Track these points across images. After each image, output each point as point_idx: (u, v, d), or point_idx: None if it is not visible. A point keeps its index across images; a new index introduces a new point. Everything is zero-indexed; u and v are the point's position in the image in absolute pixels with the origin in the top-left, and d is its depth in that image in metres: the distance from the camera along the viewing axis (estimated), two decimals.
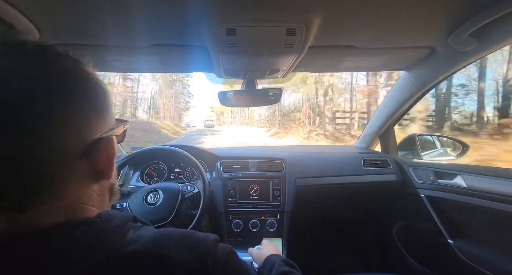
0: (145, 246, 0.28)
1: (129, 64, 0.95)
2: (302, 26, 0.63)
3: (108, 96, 0.32)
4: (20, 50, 0.25)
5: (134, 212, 0.86)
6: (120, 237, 0.28)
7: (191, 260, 0.29)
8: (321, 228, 1.58)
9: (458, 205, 0.98)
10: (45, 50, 0.27)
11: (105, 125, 0.31)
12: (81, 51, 0.76)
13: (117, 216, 0.31)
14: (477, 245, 0.95)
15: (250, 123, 29.68)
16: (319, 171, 1.26)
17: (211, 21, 0.61)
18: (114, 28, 0.66)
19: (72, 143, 0.27)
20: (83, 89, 0.29)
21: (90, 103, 0.29)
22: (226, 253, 0.32)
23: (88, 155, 0.28)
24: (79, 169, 0.28)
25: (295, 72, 0.99)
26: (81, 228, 0.26)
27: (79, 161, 0.27)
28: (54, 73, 0.26)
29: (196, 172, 0.97)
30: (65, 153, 0.26)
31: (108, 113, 0.32)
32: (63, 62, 0.28)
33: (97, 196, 0.31)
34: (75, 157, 0.27)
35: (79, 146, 0.27)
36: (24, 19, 0.58)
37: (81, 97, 0.28)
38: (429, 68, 0.96)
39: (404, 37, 0.76)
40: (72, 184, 0.28)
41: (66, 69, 0.28)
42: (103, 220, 0.28)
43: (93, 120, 0.29)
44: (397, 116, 1.28)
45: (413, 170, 1.21)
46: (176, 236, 0.31)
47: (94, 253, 0.25)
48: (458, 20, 0.66)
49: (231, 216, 1.14)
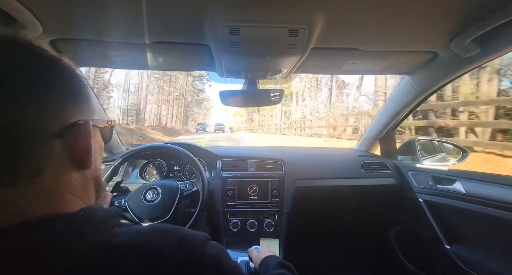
0: (131, 238, 0.28)
1: (131, 61, 0.95)
2: (305, 27, 0.63)
3: (86, 88, 0.33)
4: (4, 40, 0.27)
5: (133, 209, 0.87)
6: (105, 231, 0.28)
7: (177, 253, 0.28)
8: (319, 230, 1.58)
9: (457, 211, 0.98)
10: (28, 42, 0.29)
11: (84, 113, 0.32)
12: (83, 46, 0.77)
13: (103, 210, 0.31)
14: (475, 251, 0.95)
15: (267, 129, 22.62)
16: (318, 173, 1.26)
17: (214, 20, 0.61)
18: (117, 24, 0.66)
19: (48, 120, 0.27)
20: (61, 76, 0.30)
21: (68, 89, 0.30)
22: (215, 252, 0.32)
23: (64, 135, 0.28)
24: (55, 149, 0.28)
25: (297, 73, 0.99)
26: (64, 221, 0.26)
27: (54, 140, 0.27)
28: (33, 57, 0.28)
29: (195, 170, 0.98)
30: (40, 128, 0.26)
31: (87, 104, 0.33)
32: (42, 51, 0.29)
33: (80, 186, 0.31)
34: (50, 135, 0.27)
35: (55, 124, 0.28)
36: (28, 13, 0.58)
37: (59, 82, 0.29)
38: (431, 73, 0.96)
39: (407, 41, 0.76)
40: (49, 164, 0.27)
41: (44, 56, 0.29)
42: (87, 213, 0.28)
43: (71, 105, 0.30)
44: (397, 121, 1.28)
45: (412, 174, 1.21)
46: (165, 230, 0.31)
47: (77, 246, 0.25)
48: (461, 26, 0.66)
49: (229, 216, 1.14)
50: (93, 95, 0.35)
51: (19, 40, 0.28)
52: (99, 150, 0.36)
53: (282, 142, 11.55)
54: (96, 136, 0.35)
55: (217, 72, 0.96)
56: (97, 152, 0.35)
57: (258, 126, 29.72)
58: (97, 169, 0.35)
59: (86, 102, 0.33)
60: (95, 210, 0.29)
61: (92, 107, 0.34)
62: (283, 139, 13.54)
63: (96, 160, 0.33)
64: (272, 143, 11.40)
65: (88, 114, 0.33)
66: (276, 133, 18.69)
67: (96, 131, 0.35)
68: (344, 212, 1.49)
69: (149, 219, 0.85)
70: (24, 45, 0.28)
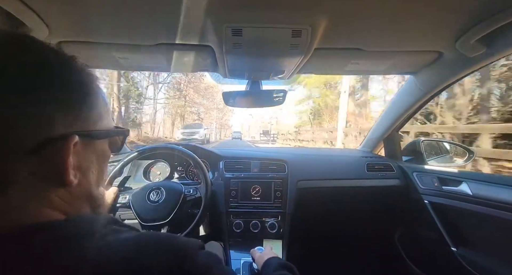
0: (119, 252, 0.26)
1: (135, 62, 0.96)
2: (308, 27, 0.62)
3: (94, 95, 0.30)
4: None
5: (136, 207, 0.87)
6: (93, 242, 0.26)
7: (168, 263, 0.27)
8: (322, 231, 1.57)
9: (463, 213, 0.97)
10: (24, 38, 0.26)
11: (78, 124, 0.28)
12: (88, 48, 0.78)
13: (93, 220, 0.29)
14: (482, 254, 0.93)
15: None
16: (321, 174, 1.25)
17: (217, 22, 0.61)
18: (121, 26, 0.67)
19: (22, 135, 0.24)
20: (57, 84, 0.26)
21: (62, 100, 0.26)
22: (206, 261, 0.30)
23: (41, 152, 0.25)
24: (29, 166, 0.25)
25: (300, 74, 0.99)
26: (42, 233, 0.24)
27: (28, 157, 0.24)
28: (22, 60, 0.25)
29: (200, 175, 0.97)
30: (11, 144, 0.23)
31: (89, 114, 0.30)
32: (40, 52, 0.26)
33: (63, 202, 0.28)
34: (22, 151, 0.24)
35: (30, 140, 0.24)
36: (35, 16, 0.59)
37: (51, 91, 0.26)
38: (436, 73, 0.95)
39: (411, 41, 0.75)
40: (17, 181, 0.24)
41: (41, 59, 0.26)
42: (71, 224, 0.26)
43: (58, 118, 0.26)
44: (402, 121, 1.27)
45: (417, 175, 1.19)
46: (156, 239, 0.30)
47: (58, 261, 0.23)
48: (466, 25, 0.65)
49: (232, 216, 1.14)
50: (102, 103, 0.32)
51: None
52: (97, 161, 0.32)
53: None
54: (96, 147, 0.32)
55: (220, 73, 0.96)
56: (94, 164, 0.32)
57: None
58: (88, 183, 0.31)
59: (88, 112, 0.29)
60: (84, 221, 0.28)
61: (97, 116, 0.31)
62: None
63: (88, 173, 0.31)
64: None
65: (87, 125, 0.29)
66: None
67: (93, 143, 0.31)
68: (347, 214, 1.47)
69: (151, 219, 0.86)
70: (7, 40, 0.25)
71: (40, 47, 0.27)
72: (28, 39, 0.27)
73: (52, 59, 0.27)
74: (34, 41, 0.27)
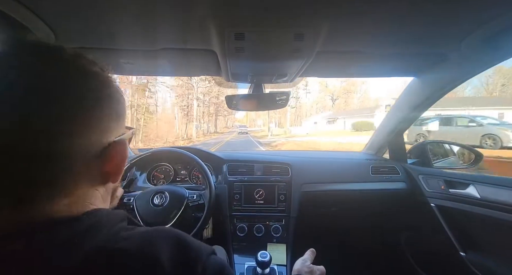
0: (134, 244, 0.28)
1: (140, 67, 0.97)
2: (311, 31, 0.62)
3: (123, 101, 0.33)
4: (41, 51, 0.26)
5: (139, 210, 0.88)
6: (109, 235, 0.28)
7: (180, 263, 0.28)
8: (327, 235, 1.55)
9: (471, 216, 0.95)
10: (69, 52, 0.28)
11: (119, 129, 0.32)
12: (94, 54, 0.79)
13: (109, 214, 0.30)
14: (491, 258, 0.91)
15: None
16: (326, 177, 1.24)
17: (219, 26, 0.61)
18: (126, 32, 0.68)
19: (92, 144, 0.27)
20: (109, 94, 0.30)
21: (112, 107, 0.30)
22: (218, 266, 0.31)
23: (102, 155, 0.29)
24: (92, 169, 0.28)
25: (303, 77, 0.99)
26: (65, 224, 0.25)
27: (94, 162, 0.28)
28: (79, 75, 0.27)
29: (205, 181, 0.97)
30: (84, 153, 0.27)
31: (124, 119, 0.33)
32: (89, 66, 0.29)
33: (101, 197, 0.32)
34: (92, 158, 0.27)
35: (97, 147, 0.28)
36: (41, 23, 0.60)
37: (107, 101, 0.29)
38: (440, 75, 0.94)
39: (415, 43, 0.75)
40: (82, 183, 0.28)
41: (92, 72, 0.29)
42: (90, 217, 0.28)
43: (112, 124, 0.30)
44: (406, 123, 1.25)
45: (423, 178, 1.17)
46: (170, 237, 0.31)
47: (77, 250, 0.25)
48: (472, 26, 0.64)
49: (235, 220, 1.13)
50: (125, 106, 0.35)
51: (60, 52, 0.27)
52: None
53: None
54: (127, 148, 0.35)
55: (223, 77, 0.97)
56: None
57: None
58: (116, 183, 0.35)
59: (123, 118, 0.33)
60: (101, 215, 0.29)
61: (125, 119, 0.34)
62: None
63: (122, 173, 0.34)
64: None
65: (123, 130, 0.33)
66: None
67: (127, 144, 0.35)
68: (352, 217, 1.45)
69: (155, 223, 0.86)
70: (65, 57, 0.27)
71: (83, 59, 0.29)
72: (72, 52, 0.28)
73: (99, 71, 0.30)
74: (77, 54, 0.29)
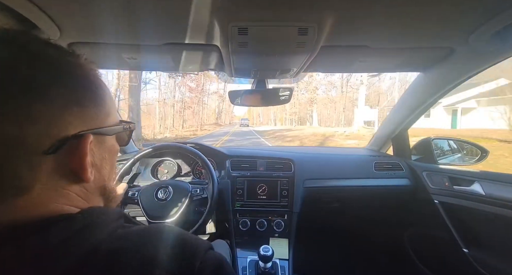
0: (131, 243, 0.27)
1: (143, 62, 0.97)
2: (315, 25, 0.62)
3: (100, 92, 0.31)
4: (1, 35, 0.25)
5: (144, 204, 0.89)
6: (106, 234, 0.27)
7: (177, 259, 0.27)
8: (329, 231, 1.56)
9: (475, 213, 0.94)
10: (28, 37, 0.26)
11: (89, 122, 0.28)
12: (98, 49, 0.79)
13: (105, 213, 0.30)
14: (495, 255, 0.91)
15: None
16: (328, 173, 1.24)
17: (223, 21, 0.61)
18: (129, 27, 0.68)
19: (37, 136, 0.24)
20: (64, 82, 0.26)
21: (70, 97, 0.27)
22: (216, 261, 0.31)
23: (56, 151, 0.25)
24: (46, 166, 0.25)
25: (307, 72, 0.98)
26: (59, 224, 0.24)
27: (45, 157, 0.25)
28: (28, 59, 0.24)
29: (208, 175, 0.98)
30: (26, 145, 0.23)
31: (98, 110, 0.30)
32: (45, 50, 0.26)
33: (80, 198, 0.29)
34: (38, 152, 0.24)
35: (45, 141, 0.24)
36: (47, 19, 0.61)
37: (59, 89, 0.26)
38: (447, 70, 0.92)
39: (421, 37, 0.73)
40: (36, 181, 0.25)
41: (46, 57, 0.26)
42: (85, 216, 0.27)
43: (71, 116, 0.26)
44: (411, 119, 1.24)
45: (427, 174, 1.17)
46: (167, 234, 0.30)
47: (73, 250, 0.24)
48: (480, 19, 0.63)
49: (238, 215, 1.15)
50: (109, 98, 0.33)
51: (14, 36, 0.25)
52: (109, 157, 0.33)
53: None
54: (106, 143, 0.33)
55: (226, 72, 0.96)
56: (106, 160, 0.33)
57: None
58: (102, 178, 0.32)
59: (96, 109, 0.29)
60: (97, 214, 0.28)
61: (106, 112, 0.31)
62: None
63: (102, 169, 0.32)
64: None
65: (97, 122, 0.30)
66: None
67: (104, 140, 0.32)
68: (355, 213, 1.46)
69: (158, 216, 0.87)
70: (10, 37, 0.25)
71: (43, 44, 0.27)
72: (31, 37, 0.26)
73: (57, 56, 0.27)
74: (37, 39, 0.27)
